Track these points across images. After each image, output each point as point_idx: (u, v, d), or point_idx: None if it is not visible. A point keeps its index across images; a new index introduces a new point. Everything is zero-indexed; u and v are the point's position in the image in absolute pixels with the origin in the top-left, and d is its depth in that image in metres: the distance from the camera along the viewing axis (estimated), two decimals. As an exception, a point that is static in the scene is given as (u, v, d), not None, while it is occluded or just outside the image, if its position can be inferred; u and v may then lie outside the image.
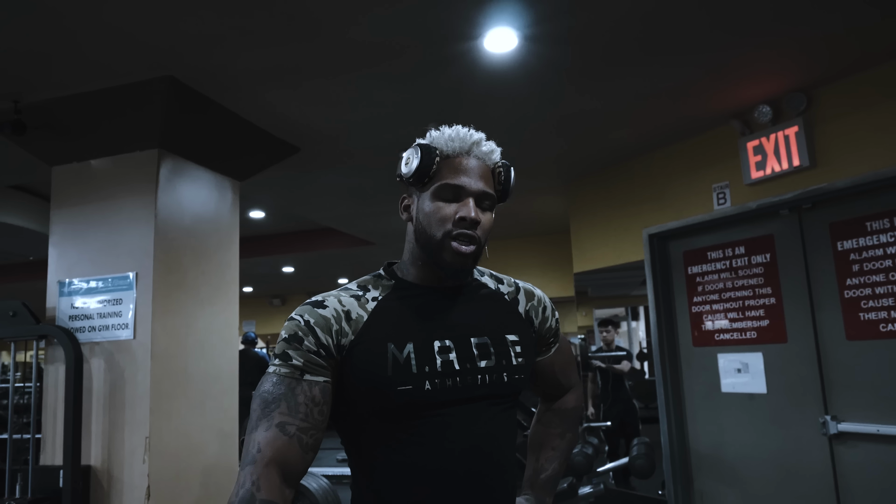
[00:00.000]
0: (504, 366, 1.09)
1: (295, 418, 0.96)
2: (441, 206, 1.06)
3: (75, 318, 2.78)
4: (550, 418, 1.34)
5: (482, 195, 1.07)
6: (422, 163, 1.05)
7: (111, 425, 2.67)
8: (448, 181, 1.06)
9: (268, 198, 5.09)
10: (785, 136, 3.06)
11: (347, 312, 1.05)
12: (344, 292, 1.09)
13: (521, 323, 1.18)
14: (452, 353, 1.05)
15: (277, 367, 1.00)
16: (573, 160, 4.19)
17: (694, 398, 3.71)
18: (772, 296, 3.32)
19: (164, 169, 2.82)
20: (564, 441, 1.33)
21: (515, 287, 1.23)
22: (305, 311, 1.04)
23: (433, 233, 1.05)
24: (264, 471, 0.91)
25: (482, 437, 1.05)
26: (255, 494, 0.89)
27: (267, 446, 0.93)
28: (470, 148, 1.08)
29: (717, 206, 3.47)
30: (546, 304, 1.25)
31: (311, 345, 1.00)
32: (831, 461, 3.01)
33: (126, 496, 2.60)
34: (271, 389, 0.98)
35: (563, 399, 1.35)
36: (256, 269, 8.13)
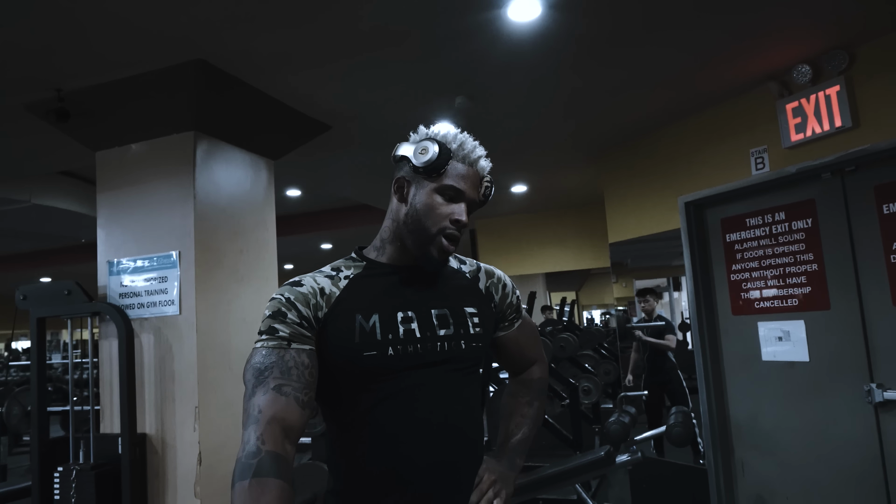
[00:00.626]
0: (462, 334, 1.20)
1: (289, 380, 1.04)
2: (440, 203, 1.17)
3: (125, 295, 2.91)
4: (518, 389, 1.44)
5: (473, 203, 1.21)
6: (439, 159, 1.15)
7: (162, 396, 2.81)
8: (454, 184, 1.17)
9: (303, 176, 5.17)
10: (826, 95, 2.95)
11: (322, 289, 1.15)
12: (318, 273, 1.19)
13: (481, 298, 1.29)
14: (414, 322, 1.16)
15: (265, 340, 1.08)
16: (603, 130, 4.13)
17: (733, 367, 3.67)
18: (814, 262, 3.24)
19: (200, 150, 2.90)
20: (532, 409, 1.42)
21: (477, 267, 1.34)
22: (285, 290, 1.13)
23: (428, 225, 1.16)
24: (267, 427, 0.98)
25: (444, 399, 1.16)
26: (261, 447, 0.95)
27: (267, 407, 1.00)
28: (475, 161, 1.20)
29: (754, 171, 3.38)
30: (506, 282, 1.36)
31: (295, 318, 1.10)
32: (877, 430, 2.95)
33: (180, 461, 2.75)
34: (262, 360, 1.06)
35: (528, 371, 1.45)
36: (294, 247, 8.30)
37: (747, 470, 3.58)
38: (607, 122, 3.97)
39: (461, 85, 3.19)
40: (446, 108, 3.51)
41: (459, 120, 3.73)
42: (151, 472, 2.80)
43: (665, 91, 3.43)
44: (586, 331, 7.87)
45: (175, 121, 2.87)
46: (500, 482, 1.26)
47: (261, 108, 3.16)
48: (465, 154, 1.19)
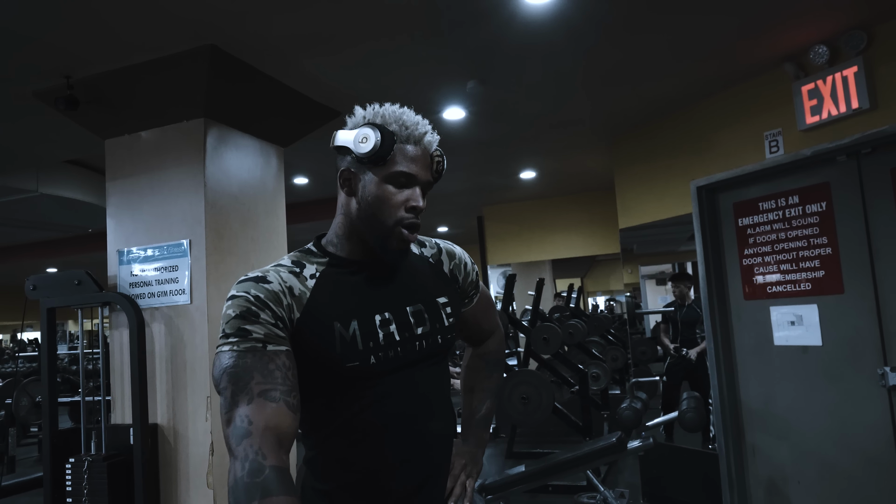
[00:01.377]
0: (437, 329, 1.17)
1: (273, 383, 0.94)
2: (392, 193, 1.09)
3: (135, 284, 2.90)
4: (476, 363, 1.44)
5: (427, 184, 1.13)
6: (382, 146, 1.06)
7: (174, 386, 2.81)
8: (402, 169, 1.08)
9: (311, 164, 5.15)
10: (843, 77, 2.91)
11: (290, 288, 1.04)
12: (281, 268, 1.08)
13: (448, 283, 1.26)
14: (392, 325, 1.10)
15: (235, 342, 0.96)
16: (616, 115, 4.09)
17: (745, 352, 3.65)
18: (827, 245, 3.21)
19: (210, 137, 2.87)
20: (491, 381, 1.43)
21: (437, 248, 1.29)
22: (250, 286, 1.01)
23: (383, 219, 1.09)
24: (262, 439, 0.88)
25: (423, 395, 1.14)
26: (263, 462, 0.86)
27: (257, 416, 0.90)
28: (421, 138, 1.10)
29: (768, 154, 3.34)
30: (465, 260, 1.32)
31: (269, 318, 0.99)
32: (891, 413, 2.94)
33: (192, 451, 2.75)
34: (237, 364, 0.94)
35: (485, 344, 1.44)
36: (302, 235, 8.28)
37: (759, 455, 3.58)
38: (622, 106, 3.93)
39: (474, 69, 3.16)
40: (458, 92, 3.47)
41: (471, 104, 3.69)
42: (163, 462, 2.81)
43: (679, 74, 3.39)
44: (594, 317, 7.86)
45: (185, 108, 2.85)
46: (469, 463, 1.30)
47: (271, 95, 3.13)
48: (409, 134, 1.10)
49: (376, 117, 1.12)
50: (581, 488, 4.21)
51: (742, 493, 3.64)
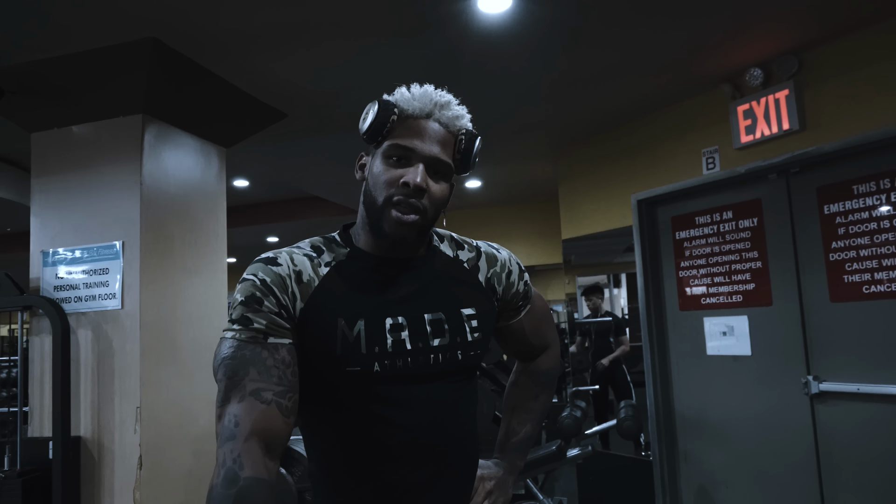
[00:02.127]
0: (458, 343, 1.04)
1: (269, 382, 0.89)
2: (387, 168, 0.98)
3: (61, 288, 2.73)
4: (525, 381, 1.30)
5: (435, 162, 0.99)
6: (376, 119, 0.98)
7: (100, 396, 2.65)
8: (398, 141, 0.98)
9: (253, 166, 5.01)
10: (776, 99, 3.06)
11: (299, 273, 0.97)
12: (296, 250, 1.01)
13: (481, 293, 1.11)
14: (405, 331, 0.99)
15: (237, 331, 0.92)
16: (563, 126, 4.16)
17: (679, 361, 3.78)
18: (758, 259, 3.37)
19: (148, 135, 2.75)
20: (539, 403, 1.29)
21: (477, 252, 1.15)
22: (259, 269, 0.95)
23: (376, 196, 0.98)
24: (245, 445, 0.84)
25: (436, 417, 1.01)
26: (239, 473, 0.81)
27: (245, 417, 0.85)
28: (431, 110, 0.99)
29: (706, 170, 3.48)
30: (511, 267, 1.18)
31: (272, 305, 0.93)
32: (812, 420, 3.10)
33: (118, 466, 2.60)
34: (235, 355, 0.90)
35: (537, 360, 1.30)
36: (240, 239, 8.05)
37: (691, 461, 3.70)
38: (570, 117, 4.00)
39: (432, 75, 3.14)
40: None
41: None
42: (86, 477, 2.64)
43: (625, 88, 3.49)
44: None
45: (122, 103, 2.71)
46: (496, 490, 1.17)
47: (215, 93, 3.02)
48: (415, 106, 0.99)
49: (395, 95, 1.02)
50: (520, 497, 4.24)
51: (674, 499, 3.75)
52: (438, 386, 1.02)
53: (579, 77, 3.29)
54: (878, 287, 2.84)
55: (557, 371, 1.33)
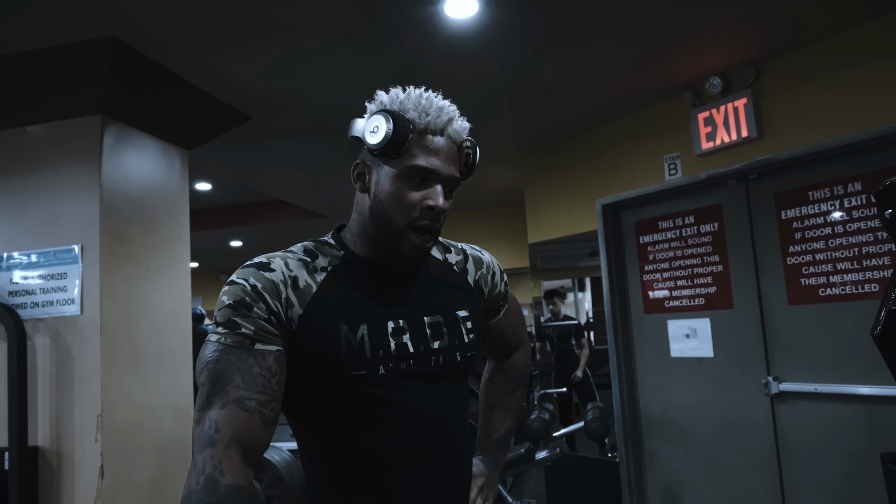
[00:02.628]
0: (456, 345, 1.06)
1: (252, 391, 0.87)
2: (407, 190, 0.96)
3: (16, 293, 2.64)
4: (501, 378, 1.33)
5: (451, 180, 0.99)
6: (394, 136, 0.93)
7: (59, 404, 2.56)
8: (420, 164, 0.95)
9: (215, 169, 4.92)
10: (734, 107, 3.15)
11: (294, 279, 0.96)
12: (290, 255, 1.00)
13: (471, 295, 1.15)
14: (406, 334, 1.00)
15: (223, 335, 0.90)
16: (529, 131, 4.21)
17: (645, 364, 3.85)
18: (719, 263, 3.45)
19: (108, 136, 2.67)
20: (515, 399, 1.33)
21: (463, 255, 1.18)
22: (250, 273, 0.94)
23: (394, 219, 0.97)
24: (225, 453, 0.83)
25: (438, 417, 1.03)
26: (220, 480, 0.80)
27: (226, 424, 0.84)
28: (445, 126, 0.98)
29: (668, 176, 3.55)
30: (494, 269, 1.22)
31: (262, 311, 0.91)
32: (772, 419, 3.18)
33: (78, 476, 2.51)
34: (220, 359, 0.88)
35: (512, 358, 1.34)
36: (202, 243, 7.90)
37: (656, 461, 3.77)
38: (535, 124, 4.04)
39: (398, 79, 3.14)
40: (373, 102, 3.44)
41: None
42: (44, 488, 2.55)
43: (589, 95, 3.54)
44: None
45: (80, 103, 2.63)
46: (486, 486, 1.22)
47: (177, 94, 2.96)
48: (429, 122, 0.96)
49: (394, 103, 0.99)
50: (489, 500, 4.26)
51: (641, 499, 3.81)
52: (439, 386, 1.04)
53: (542, 85, 3.34)
54: (833, 290, 2.95)
55: (529, 368, 1.37)
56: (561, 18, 2.63)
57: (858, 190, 2.90)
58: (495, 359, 1.35)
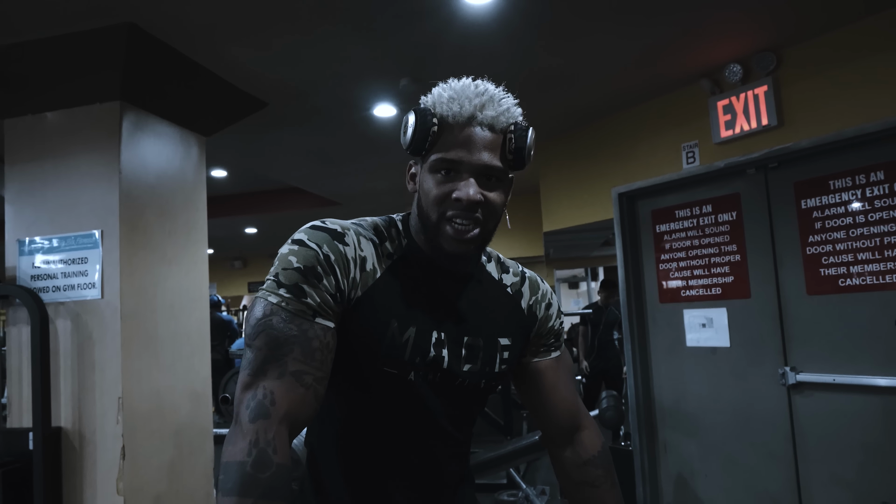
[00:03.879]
0: (486, 372, 1.03)
1: (311, 366, 0.86)
2: (436, 184, 0.93)
3: (38, 277, 2.68)
4: (593, 473, 1.13)
5: (486, 169, 0.92)
6: (416, 132, 0.91)
7: (81, 387, 2.61)
8: (443, 154, 0.91)
9: (230, 156, 4.95)
10: (754, 95, 3.11)
11: (364, 260, 0.94)
12: (362, 230, 0.97)
13: (520, 321, 1.09)
14: (445, 349, 0.98)
15: (286, 299, 0.86)
16: (544, 120, 4.19)
17: (659, 353, 3.83)
18: (737, 253, 3.42)
19: (126, 123, 2.70)
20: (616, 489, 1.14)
21: (521, 277, 1.13)
22: (324, 241, 0.91)
23: (430, 214, 0.94)
24: (279, 428, 0.81)
25: (447, 432, 1.03)
26: (272, 457, 0.78)
27: (283, 398, 0.82)
28: (473, 113, 0.91)
29: (685, 165, 3.52)
30: (551, 301, 1.15)
31: (330, 286, 0.89)
32: (788, 410, 3.16)
33: (100, 456, 2.56)
34: (280, 326, 0.85)
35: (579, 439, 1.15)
36: (217, 230, 7.96)
37: (670, 451, 3.76)
38: (551, 111, 4.02)
39: (409, 67, 3.13)
40: (391, 89, 3.44)
41: (402, 103, 3.67)
42: (67, 468, 2.60)
43: (606, 83, 3.52)
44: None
45: (99, 89, 2.65)
46: None
47: (194, 81, 2.98)
48: (455, 112, 0.91)
49: (430, 98, 0.95)
50: (502, 486, 4.28)
51: (654, 488, 3.81)
52: (453, 405, 1.03)
53: (559, 73, 3.32)
54: (852, 280, 2.91)
55: (608, 449, 1.17)
56: (577, 5, 2.60)
57: (881, 179, 2.85)
58: (561, 443, 1.15)
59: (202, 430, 3.02)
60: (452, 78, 0.98)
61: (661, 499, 3.78)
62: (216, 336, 6.50)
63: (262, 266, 11.83)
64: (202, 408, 3.06)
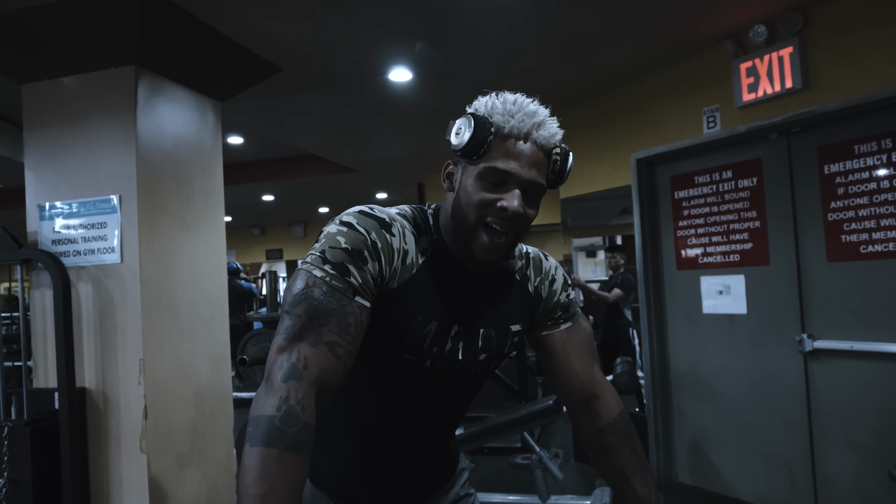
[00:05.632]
0: (498, 356, 1.13)
1: (344, 339, 0.91)
2: (484, 191, 0.97)
3: (59, 242, 2.72)
4: (610, 440, 1.14)
5: (531, 185, 0.97)
6: (474, 137, 0.95)
7: (103, 349, 2.67)
8: (496, 165, 0.95)
9: (247, 122, 4.94)
10: (779, 57, 3.02)
11: (405, 253, 1.00)
12: (406, 222, 1.03)
13: (528, 305, 1.15)
14: (461, 342, 1.06)
15: (330, 276, 0.92)
16: (563, 84, 4.11)
17: (676, 320, 3.82)
18: (756, 219, 3.37)
19: (142, 87, 2.69)
20: (639, 454, 1.14)
21: (526, 260, 1.17)
22: (373, 228, 0.97)
23: (468, 216, 0.98)
24: (308, 390, 0.85)
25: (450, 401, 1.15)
26: (300, 414, 0.83)
27: (315, 364, 0.87)
28: (529, 130, 0.96)
29: (706, 129, 3.45)
30: (555, 276, 1.19)
31: (374, 271, 0.95)
32: (805, 377, 3.15)
33: (123, 416, 2.63)
34: (321, 298, 0.91)
35: (596, 407, 1.15)
36: (235, 197, 8.01)
37: (684, 417, 3.78)
38: (570, 76, 3.95)
39: (425, 30, 3.08)
40: (406, 53, 3.39)
41: (418, 67, 3.62)
42: (92, 427, 2.68)
43: (625, 47, 3.43)
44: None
45: (114, 53, 2.65)
46: None
47: (208, 45, 2.96)
48: (513, 126, 0.96)
49: (484, 106, 1.00)
50: (516, 450, 4.33)
51: (668, 453, 3.84)
52: (465, 383, 1.13)
53: (577, 35, 3.24)
54: (875, 247, 2.86)
55: (628, 416, 1.16)
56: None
57: (908, 143, 2.78)
58: (577, 412, 1.17)
59: (222, 393, 3.09)
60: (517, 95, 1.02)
61: (674, 464, 3.82)
62: (235, 303, 6.60)
63: (280, 234, 11.91)
64: (222, 371, 3.12)
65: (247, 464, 0.78)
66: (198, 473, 2.86)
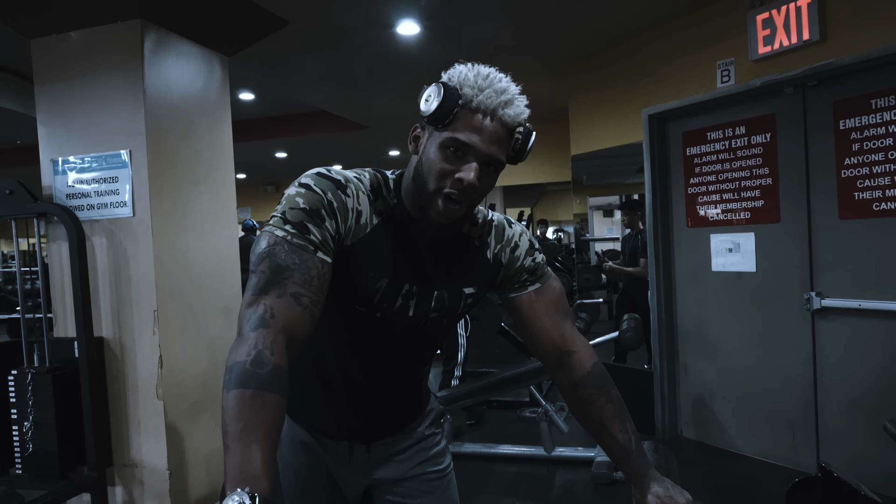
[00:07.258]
0: (447, 314, 1.17)
1: (308, 290, 0.95)
2: (444, 160, 1.00)
3: (73, 196, 2.77)
4: (585, 392, 1.16)
5: (491, 160, 1.01)
6: (441, 107, 0.97)
7: (118, 301, 2.75)
8: (459, 136, 0.98)
9: (258, 78, 4.92)
10: (797, 7, 2.92)
11: (359, 214, 1.05)
12: (361, 185, 1.07)
13: (486, 272, 1.18)
14: (413, 300, 1.12)
15: (291, 234, 0.96)
16: (572, 40, 4.03)
17: (684, 278, 3.82)
18: (768, 176, 3.33)
19: (148, 41, 2.70)
20: (616, 401, 1.16)
21: (489, 227, 1.19)
22: (329, 188, 1.01)
23: (429, 183, 1.02)
24: (276, 337, 0.89)
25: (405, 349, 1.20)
26: (269, 357, 0.86)
27: (281, 313, 0.91)
28: (496, 107, 0.98)
29: (720, 84, 3.38)
30: (518, 242, 1.20)
31: (331, 228, 1.00)
32: (811, 335, 3.16)
33: (140, 364, 2.73)
34: (283, 255, 0.95)
35: (574, 365, 1.17)
36: (248, 154, 8.03)
37: (689, 373, 3.81)
38: (577, 32, 3.86)
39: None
40: (413, 5, 3.34)
41: (425, 20, 3.56)
42: (111, 375, 2.78)
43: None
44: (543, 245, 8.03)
45: (119, 6, 2.64)
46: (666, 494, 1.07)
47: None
48: (481, 100, 0.98)
49: (456, 76, 1.01)
50: (524, 403, 4.42)
51: (672, 408, 3.90)
52: (414, 339, 1.19)
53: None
54: (888, 204, 2.82)
55: (602, 367, 1.18)
56: None
57: (927, 97, 2.70)
58: (552, 367, 1.20)
59: (235, 343, 3.17)
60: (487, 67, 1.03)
61: (679, 418, 3.87)
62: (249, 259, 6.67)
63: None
64: (234, 323, 3.19)
65: (225, 406, 0.82)
66: (211, 420, 2.97)
